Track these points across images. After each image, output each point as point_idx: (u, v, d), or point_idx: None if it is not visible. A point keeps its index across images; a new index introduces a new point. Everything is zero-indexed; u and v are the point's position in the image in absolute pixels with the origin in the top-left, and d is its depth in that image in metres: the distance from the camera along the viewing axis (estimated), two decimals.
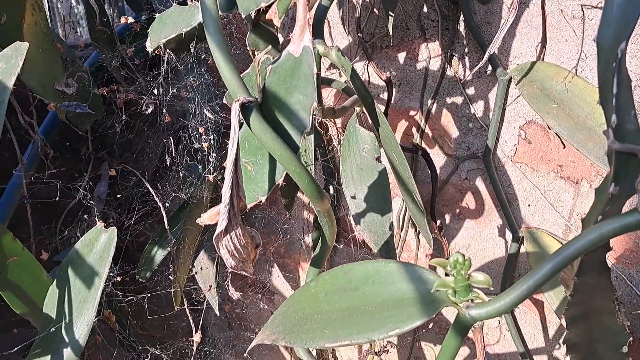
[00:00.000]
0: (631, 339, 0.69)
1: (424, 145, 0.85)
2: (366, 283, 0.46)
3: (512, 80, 0.72)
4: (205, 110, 0.62)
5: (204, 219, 0.52)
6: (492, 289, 0.42)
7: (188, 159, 0.64)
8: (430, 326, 0.95)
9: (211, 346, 0.94)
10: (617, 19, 0.37)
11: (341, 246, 0.96)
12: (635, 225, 0.38)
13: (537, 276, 0.41)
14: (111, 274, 0.80)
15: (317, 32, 0.57)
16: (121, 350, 0.85)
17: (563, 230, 0.75)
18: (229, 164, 0.46)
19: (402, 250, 0.93)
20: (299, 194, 0.98)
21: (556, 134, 0.71)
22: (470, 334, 0.46)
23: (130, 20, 0.74)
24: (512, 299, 0.41)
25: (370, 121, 0.66)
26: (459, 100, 0.79)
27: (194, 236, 0.81)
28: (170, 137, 0.60)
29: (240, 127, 0.47)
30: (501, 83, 0.72)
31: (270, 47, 0.56)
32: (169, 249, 0.85)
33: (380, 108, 0.88)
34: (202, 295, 0.88)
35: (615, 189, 0.38)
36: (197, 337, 0.66)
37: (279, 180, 0.51)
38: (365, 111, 0.72)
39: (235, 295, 0.82)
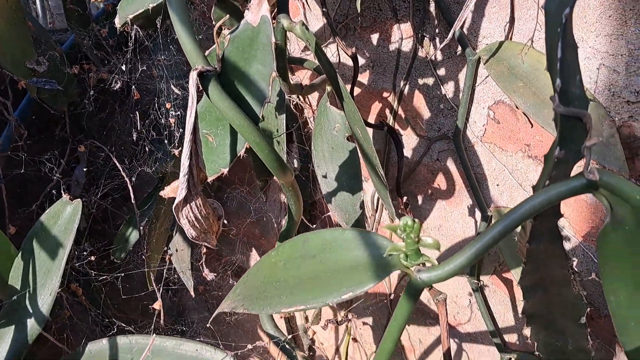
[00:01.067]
0: (589, 309, 0.71)
1: (397, 127, 0.85)
2: (324, 251, 0.47)
3: (481, 60, 0.72)
4: (172, 87, 0.62)
5: (167, 191, 0.53)
6: (439, 251, 0.43)
7: (154, 133, 0.64)
8: None
9: (186, 326, 0.94)
10: None
11: (314, 226, 0.97)
12: (581, 188, 0.39)
13: (485, 239, 0.41)
14: (85, 253, 0.80)
15: (282, 6, 0.57)
16: (95, 329, 0.85)
17: None
18: (187, 133, 0.47)
19: (376, 232, 0.94)
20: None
21: (523, 112, 0.72)
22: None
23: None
24: (461, 262, 0.42)
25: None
26: (430, 81, 0.80)
27: (167, 215, 0.81)
28: (137, 112, 0.60)
29: (200, 97, 0.47)
30: (470, 63, 0.73)
31: (228, 15, 0.56)
32: (142, 229, 0.86)
33: (354, 90, 0.88)
34: (176, 276, 0.88)
35: (560, 153, 0.39)
36: (157, 305, 0.66)
37: (241, 151, 0.51)
38: None
39: (209, 276, 0.82)
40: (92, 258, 0.81)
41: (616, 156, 0.63)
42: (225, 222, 0.84)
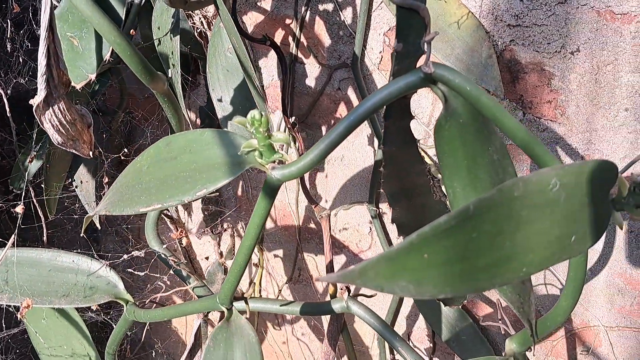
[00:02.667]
0: None
1: (300, 54, 0.85)
2: (185, 152, 0.47)
3: None
4: None
5: (36, 99, 0.51)
6: (292, 147, 0.44)
7: (29, 44, 0.62)
8: (310, 238, 0.98)
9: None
10: None
11: None
12: (419, 82, 0.40)
13: (333, 135, 0.43)
14: None
15: None
16: None
17: (423, 136, 0.78)
18: (42, 30, 0.45)
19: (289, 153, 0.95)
20: None
21: None
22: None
23: None
24: (312, 158, 0.43)
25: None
26: (329, 7, 0.80)
27: None
28: (9, 21, 0.58)
29: None
30: None
31: None
32: (43, 160, 0.84)
33: (257, 17, 0.87)
34: (77, 205, 0.87)
35: (399, 46, 0.40)
36: (19, 209, 0.65)
37: (107, 55, 0.50)
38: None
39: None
40: None
41: (492, 76, 0.65)
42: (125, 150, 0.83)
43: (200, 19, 0.89)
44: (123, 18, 0.48)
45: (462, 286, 0.30)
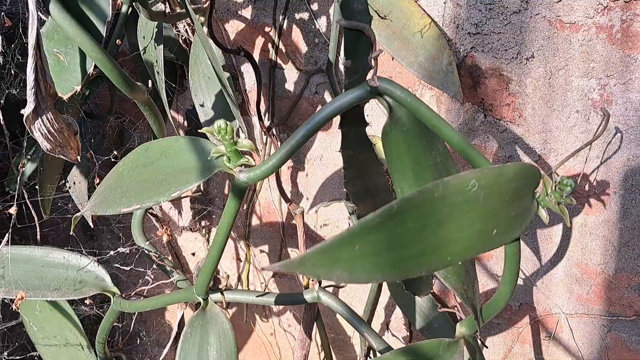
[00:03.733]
0: None
1: (279, 60, 0.90)
2: (161, 157, 0.52)
3: None
4: (39, 12, 0.65)
5: (26, 110, 0.56)
6: (257, 152, 0.49)
7: (20, 57, 0.67)
8: (294, 233, 1.03)
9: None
10: None
11: None
12: (366, 94, 0.45)
13: (293, 141, 0.48)
14: None
15: None
16: None
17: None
18: (30, 48, 0.50)
19: (265, 154, 0.99)
20: None
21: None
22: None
23: None
24: (275, 162, 0.48)
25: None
26: (305, 16, 0.84)
27: None
28: (0, 35, 0.62)
29: (42, 12, 0.50)
30: None
31: None
32: (37, 163, 0.88)
33: (238, 25, 0.92)
34: (71, 205, 0.92)
35: (347, 63, 0.45)
36: (12, 210, 0.70)
37: (90, 69, 0.55)
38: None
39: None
40: None
41: (452, 82, 0.70)
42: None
43: (184, 26, 0.94)
44: (104, 34, 0.52)
45: (391, 273, 0.35)
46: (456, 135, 0.44)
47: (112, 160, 0.88)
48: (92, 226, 0.98)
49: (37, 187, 0.90)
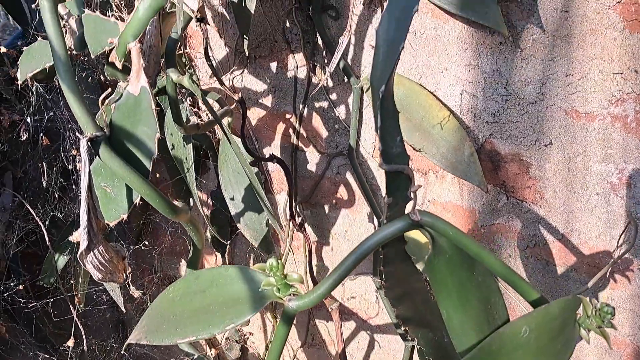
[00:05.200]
0: None
1: (300, 144, 0.93)
2: (212, 286, 0.54)
3: (363, 87, 0.81)
4: (77, 134, 0.68)
5: (75, 236, 0.59)
6: (304, 285, 0.51)
7: (62, 180, 0.70)
8: (322, 305, 1.05)
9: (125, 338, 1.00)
10: (382, 63, 0.46)
11: (228, 241, 1.04)
12: (408, 226, 0.48)
13: (341, 270, 0.50)
14: (12, 284, 0.85)
15: (170, 61, 0.63)
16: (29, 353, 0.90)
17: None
18: (82, 192, 0.53)
19: (292, 239, 1.02)
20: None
21: None
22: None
23: (2, 49, 0.78)
24: (322, 291, 0.50)
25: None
26: (324, 104, 0.88)
27: None
28: (44, 163, 0.65)
29: (92, 160, 0.53)
30: (355, 90, 0.81)
31: (109, 89, 0.62)
32: (69, 255, 0.91)
33: (260, 112, 0.95)
34: (103, 297, 0.94)
35: (389, 200, 0.48)
36: (70, 342, 0.73)
37: (136, 200, 0.58)
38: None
39: (136, 293, 0.89)
40: (21, 287, 0.86)
41: (476, 172, 0.72)
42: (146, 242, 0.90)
43: (207, 114, 0.97)
44: (150, 170, 0.55)
45: None
46: (498, 263, 0.47)
47: (143, 248, 0.91)
48: (124, 310, 1.00)
49: (71, 280, 0.93)
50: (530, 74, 0.70)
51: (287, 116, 0.93)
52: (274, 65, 0.90)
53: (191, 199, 0.97)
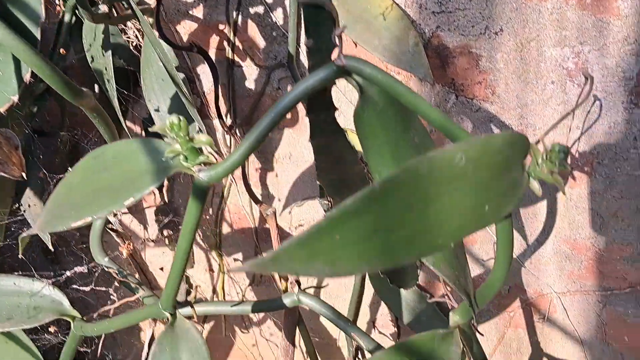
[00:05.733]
0: None
1: (236, 58, 0.86)
2: (113, 164, 0.47)
3: None
4: None
5: None
6: (215, 148, 0.44)
7: None
8: (268, 238, 0.98)
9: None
10: None
11: None
12: (333, 75, 0.41)
13: (256, 133, 0.43)
14: None
15: None
16: None
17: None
18: None
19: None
20: None
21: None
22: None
23: None
24: (237, 158, 0.44)
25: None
26: (260, 9, 0.80)
27: None
28: None
29: None
30: None
31: None
32: None
33: (191, 26, 0.87)
34: (27, 228, 0.86)
35: (309, 42, 0.41)
36: None
37: (27, 76, 0.50)
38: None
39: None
40: None
41: (421, 63, 0.66)
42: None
43: (134, 32, 0.89)
44: (38, 37, 0.47)
45: (378, 261, 0.31)
46: (434, 110, 0.41)
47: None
48: (52, 249, 0.92)
49: None
50: None
51: (221, 27, 0.85)
52: None
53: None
